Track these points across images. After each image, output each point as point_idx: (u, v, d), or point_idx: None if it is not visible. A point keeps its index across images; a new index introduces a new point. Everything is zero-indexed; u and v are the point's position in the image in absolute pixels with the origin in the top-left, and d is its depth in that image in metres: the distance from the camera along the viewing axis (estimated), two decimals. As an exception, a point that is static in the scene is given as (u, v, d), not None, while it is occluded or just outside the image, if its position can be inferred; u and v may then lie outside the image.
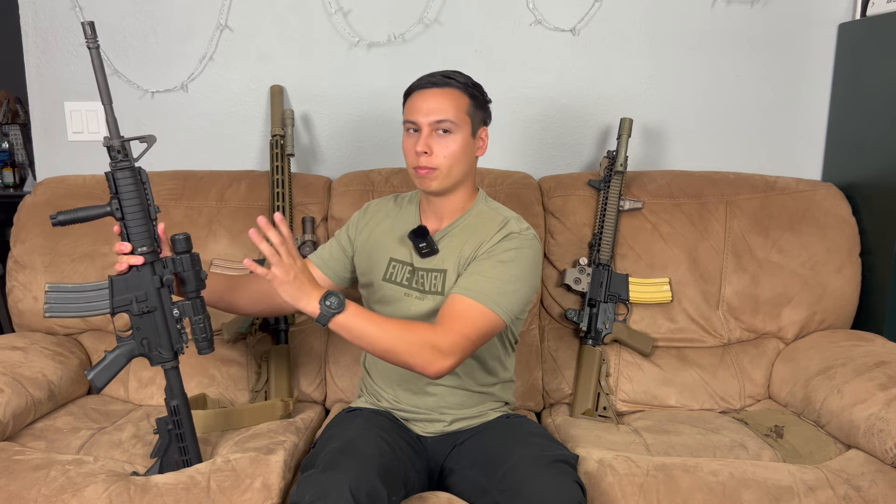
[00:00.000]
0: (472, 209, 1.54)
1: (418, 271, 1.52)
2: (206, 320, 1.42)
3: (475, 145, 1.50)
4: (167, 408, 1.46)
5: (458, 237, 1.51)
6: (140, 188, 1.40)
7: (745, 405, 1.89)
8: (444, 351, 1.34)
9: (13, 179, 4.27)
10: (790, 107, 2.16)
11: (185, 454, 1.46)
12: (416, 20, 2.08)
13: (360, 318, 1.32)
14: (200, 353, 1.42)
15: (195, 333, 1.41)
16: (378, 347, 1.33)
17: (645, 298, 1.92)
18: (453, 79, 1.47)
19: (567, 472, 1.36)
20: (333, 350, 1.92)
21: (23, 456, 1.43)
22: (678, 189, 1.99)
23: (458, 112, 1.45)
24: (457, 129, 1.45)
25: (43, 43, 2.10)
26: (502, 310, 1.41)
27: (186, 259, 1.40)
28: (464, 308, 1.39)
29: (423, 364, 1.33)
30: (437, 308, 1.46)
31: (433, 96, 1.46)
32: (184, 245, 1.40)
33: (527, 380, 1.89)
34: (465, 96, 1.47)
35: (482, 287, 1.41)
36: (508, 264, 1.43)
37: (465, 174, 1.50)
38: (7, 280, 1.94)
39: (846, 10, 2.10)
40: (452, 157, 1.45)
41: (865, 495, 1.39)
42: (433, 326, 1.37)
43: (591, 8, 2.09)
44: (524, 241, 1.46)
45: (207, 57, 2.10)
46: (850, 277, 1.94)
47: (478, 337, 1.39)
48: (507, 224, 1.49)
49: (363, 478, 1.24)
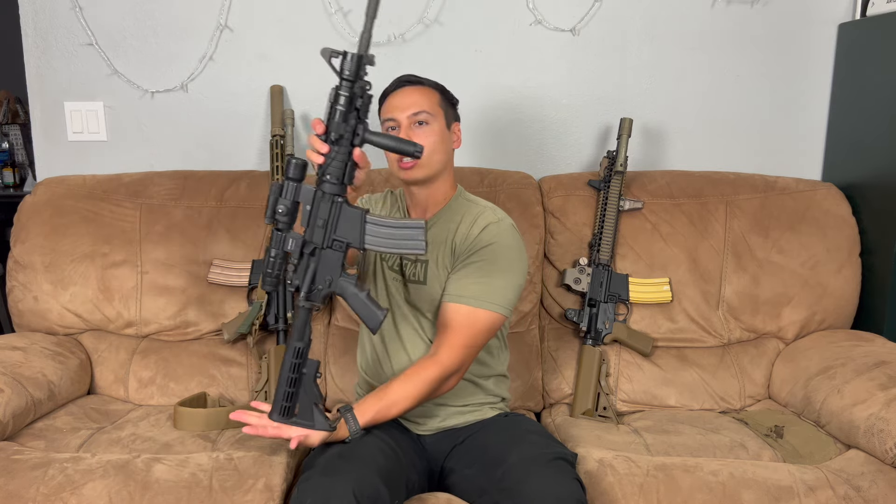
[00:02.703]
0: (452, 202, 1.58)
1: (404, 259, 1.57)
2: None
3: (450, 137, 1.55)
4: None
5: (440, 228, 1.55)
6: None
7: (745, 405, 1.89)
8: (452, 370, 1.43)
9: (13, 179, 4.27)
10: (790, 107, 2.16)
11: (290, 400, 1.34)
12: (416, 20, 2.08)
13: (378, 410, 1.40)
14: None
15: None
16: (407, 411, 1.44)
17: (645, 298, 1.92)
18: (421, 79, 1.55)
19: (567, 469, 1.36)
20: (333, 350, 1.92)
21: (21, 455, 1.43)
22: (678, 189, 1.99)
23: (432, 104, 1.51)
24: (433, 119, 1.50)
25: (43, 43, 2.10)
26: (499, 306, 1.46)
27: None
28: (460, 318, 1.44)
29: (439, 393, 1.46)
30: (422, 298, 1.53)
31: (407, 93, 1.52)
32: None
33: (527, 380, 1.89)
34: (435, 92, 1.54)
35: (474, 291, 1.45)
36: (493, 260, 1.47)
37: (444, 164, 1.54)
38: (7, 280, 1.94)
39: (846, 10, 2.10)
40: (432, 145, 1.50)
41: (865, 495, 1.39)
42: (433, 355, 1.43)
43: (591, 8, 2.09)
44: (502, 231, 1.50)
45: (207, 57, 2.10)
46: (850, 277, 1.94)
47: (479, 341, 1.46)
48: (483, 214, 1.52)
49: (366, 481, 1.24)
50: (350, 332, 1.92)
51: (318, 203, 1.27)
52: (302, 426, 1.34)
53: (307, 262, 1.29)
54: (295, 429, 1.34)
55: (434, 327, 1.53)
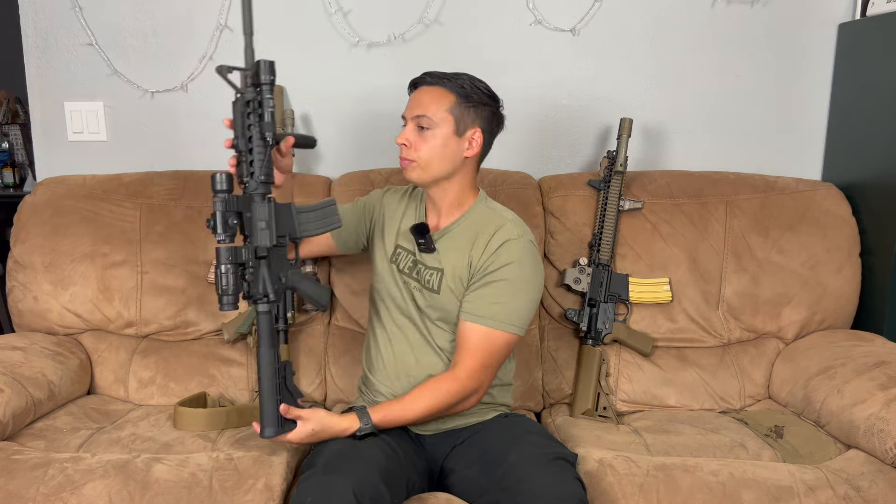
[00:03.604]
0: (472, 210, 1.55)
1: (419, 263, 1.55)
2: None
3: (461, 144, 1.50)
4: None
5: (457, 238, 1.53)
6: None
7: (745, 405, 1.89)
8: (471, 390, 1.46)
9: (13, 179, 4.27)
10: (790, 107, 2.16)
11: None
12: (416, 20, 2.08)
13: (393, 413, 1.44)
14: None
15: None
16: (421, 419, 1.46)
17: (645, 298, 1.92)
18: (445, 78, 1.50)
19: (567, 469, 1.36)
20: (333, 350, 1.92)
21: (21, 455, 1.44)
22: (678, 189, 1.99)
23: (438, 109, 1.47)
24: (435, 125, 1.47)
25: (43, 43, 2.09)
26: (516, 327, 1.47)
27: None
28: (478, 338, 1.45)
29: (458, 410, 1.48)
30: (433, 306, 1.52)
31: (420, 93, 1.51)
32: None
33: (527, 380, 1.89)
34: (452, 94, 1.48)
35: (493, 312, 1.45)
36: (512, 282, 1.46)
37: (449, 172, 1.51)
38: (7, 280, 1.94)
39: (846, 10, 2.10)
40: (429, 151, 1.48)
41: (865, 495, 1.39)
42: (452, 371, 1.45)
43: (591, 8, 2.09)
44: (523, 250, 1.48)
45: (207, 57, 2.10)
46: (850, 277, 1.94)
47: (498, 361, 1.48)
48: (503, 228, 1.50)
49: (366, 481, 1.25)
50: (350, 332, 1.92)
51: (257, 207, 1.31)
52: (289, 430, 1.35)
53: (259, 267, 1.32)
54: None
55: (443, 335, 1.53)
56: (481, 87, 1.51)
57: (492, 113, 1.52)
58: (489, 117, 1.52)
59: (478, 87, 1.50)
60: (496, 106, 1.53)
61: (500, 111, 1.55)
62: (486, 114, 1.51)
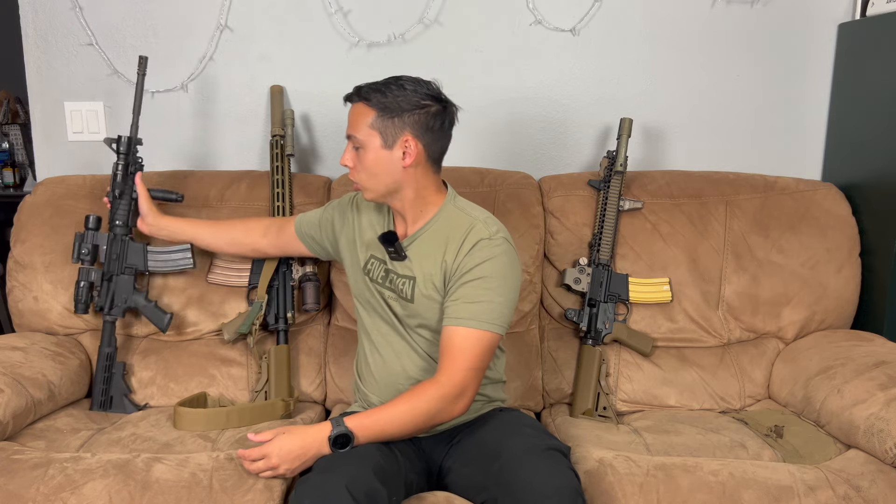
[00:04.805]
0: (440, 213, 1.50)
1: (391, 273, 1.52)
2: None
3: (394, 156, 1.43)
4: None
5: (427, 244, 1.49)
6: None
7: (745, 405, 1.89)
8: (456, 395, 1.40)
9: (13, 179, 4.26)
10: (790, 107, 2.16)
11: (104, 395, 1.80)
12: (416, 20, 2.08)
13: (373, 427, 1.39)
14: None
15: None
16: (405, 433, 1.41)
17: (645, 298, 1.92)
18: (372, 90, 1.43)
19: (561, 460, 1.37)
20: (333, 350, 1.92)
21: (21, 455, 1.43)
22: (678, 189, 1.99)
23: (363, 127, 1.43)
24: (363, 144, 1.44)
25: (43, 43, 2.10)
26: (497, 326, 1.42)
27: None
28: (460, 340, 1.41)
29: (446, 417, 1.42)
30: (410, 314, 1.50)
31: (350, 112, 1.47)
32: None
33: (527, 380, 1.89)
34: (371, 109, 1.42)
35: (471, 311, 1.41)
36: (488, 279, 1.42)
37: (395, 186, 1.46)
38: (7, 280, 1.94)
39: (846, 10, 2.10)
40: (367, 171, 1.45)
41: (865, 495, 1.39)
42: (436, 379, 1.40)
43: (591, 8, 2.09)
44: (495, 248, 1.43)
45: (207, 57, 2.10)
46: (850, 277, 1.94)
47: (482, 362, 1.43)
48: (474, 228, 1.45)
49: (361, 478, 1.25)
50: (350, 332, 1.92)
51: (111, 243, 1.81)
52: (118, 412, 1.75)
53: (107, 287, 1.80)
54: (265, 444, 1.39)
55: (426, 342, 1.52)
56: (409, 90, 1.41)
57: (425, 115, 1.42)
58: (420, 121, 1.42)
59: (405, 92, 1.41)
60: (433, 106, 1.43)
61: (442, 109, 1.44)
62: (414, 119, 1.42)
